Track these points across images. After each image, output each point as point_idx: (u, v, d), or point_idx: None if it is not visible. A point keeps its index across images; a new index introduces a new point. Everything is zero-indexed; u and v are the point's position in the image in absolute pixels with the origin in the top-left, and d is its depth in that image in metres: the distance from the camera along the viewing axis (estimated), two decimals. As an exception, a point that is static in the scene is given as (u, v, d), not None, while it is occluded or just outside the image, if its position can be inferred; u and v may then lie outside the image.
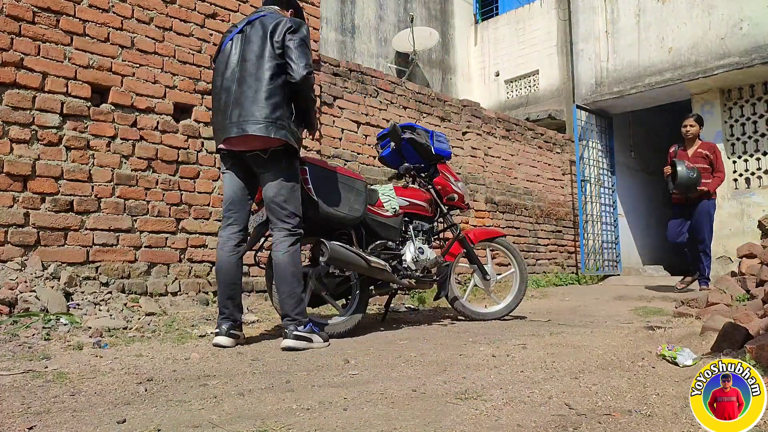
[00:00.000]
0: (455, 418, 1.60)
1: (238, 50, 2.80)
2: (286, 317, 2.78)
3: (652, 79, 8.08)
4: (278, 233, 2.83)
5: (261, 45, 2.75)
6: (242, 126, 2.69)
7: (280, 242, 2.81)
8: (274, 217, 2.83)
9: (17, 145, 3.27)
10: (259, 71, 2.73)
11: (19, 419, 1.56)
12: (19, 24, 3.32)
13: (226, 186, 2.89)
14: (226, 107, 2.76)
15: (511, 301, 4.09)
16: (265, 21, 2.81)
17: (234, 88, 2.75)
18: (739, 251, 4.15)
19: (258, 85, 2.72)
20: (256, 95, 2.71)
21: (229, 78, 2.79)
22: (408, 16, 9.88)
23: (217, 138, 2.87)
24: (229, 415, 1.62)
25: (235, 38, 2.84)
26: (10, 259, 3.17)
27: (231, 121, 2.72)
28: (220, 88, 2.81)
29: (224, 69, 2.82)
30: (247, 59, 2.76)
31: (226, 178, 2.89)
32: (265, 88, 2.71)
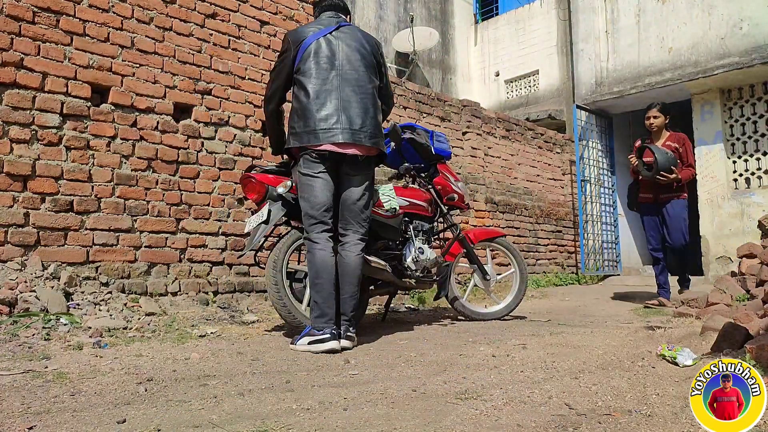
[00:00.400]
0: (455, 418, 1.60)
1: (336, 54, 2.83)
2: (343, 317, 2.79)
3: (652, 79, 8.08)
4: (353, 236, 2.89)
5: (365, 57, 2.90)
6: (355, 134, 2.78)
7: (354, 244, 2.87)
8: (353, 220, 2.89)
9: (17, 145, 3.27)
10: (366, 83, 2.87)
11: (19, 419, 1.56)
12: (19, 24, 3.32)
13: (321, 189, 2.81)
14: (335, 109, 2.77)
15: (511, 301, 4.10)
16: (358, 33, 2.96)
17: (344, 93, 2.79)
18: (739, 251, 4.15)
19: (366, 96, 2.86)
20: (365, 105, 2.84)
21: (331, 81, 2.80)
22: (408, 16, 9.88)
23: (312, 138, 2.77)
24: (229, 415, 1.62)
25: (326, 40, 2.84)
26: (10, 259, 3.17)
27: (343, 125, 2.76)
28: (320, 89, 2.78)
29: (321, 71, 2.80)
30: (354, 68, 2.84)
31: (320, 182, 2.81)
32: (373, 100, 2.89)
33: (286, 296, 2.99)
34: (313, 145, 2.78)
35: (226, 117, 4.28)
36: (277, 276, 2.99)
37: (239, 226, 4.24)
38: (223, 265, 4.18)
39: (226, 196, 4.24)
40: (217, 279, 4.11)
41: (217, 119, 4.23)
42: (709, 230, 7.90)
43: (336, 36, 2.87)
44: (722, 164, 7.92)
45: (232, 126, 4.31)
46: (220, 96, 4.25)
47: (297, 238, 3.17)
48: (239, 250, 4.22)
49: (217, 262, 4.14)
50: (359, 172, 2.89)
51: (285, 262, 3.07)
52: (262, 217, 3.04)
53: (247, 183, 3.22)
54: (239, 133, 4.35)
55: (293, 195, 3.14)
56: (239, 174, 4.16)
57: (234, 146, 4.31)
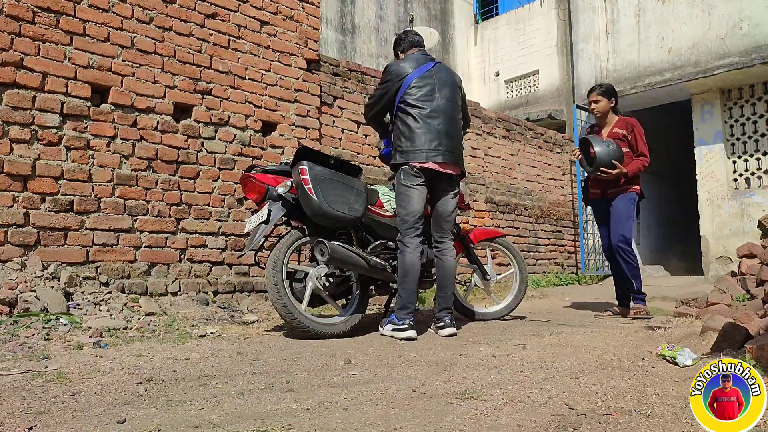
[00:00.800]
0: (455, 418, 1.60)
1: (440, 87, 3.30)
2: (446, 309, 3.28)
3: (652, 79, 8.08)
4: (448, 242, 3.37)
5: (456, 94, 3.39)
6: (453, 156, 3.29)
7: (450, 250, 3.36)
8: (446, 228, 3.37)
9: (17, 145, 3.27)
10: (457, 116, 3.39)
11: (19, 419, 1.56)
12: (19, 24, 3.32)
13: (418, 200, 3.23)
14: (437, 134, 3.22)
15: (511, 301, 4.10)
16: (449, 71, 3.48)
17: (443, 121, 3.26)
18: (739, 251, 4.15)
19: (458, 127, 3.39)
20: (459, 135, 3.38)
21: (437, 109, 3.25)
22: (408, 16, 9.88)
23: (417, 156, 3.20)
24: (229, 415, 1.62)
25: (432, 73, 3.31)
26: (10, 259, 3.17)
27: (444, 148, 3.23)
28: (428, 115, 3.23)
29: (431, 98, 3.26)
30: (450, 101, 3.32)
31: (416, 193, 3.23)
32: (461, 131, 3.43)
33: (286, 296, 2.99)
34: (418, 162, 3.20)
35: (226, 117, 4.28)
36: (277, 276, 2.99)
37: (239, 226, 4.24)
38: (223, 265, 4.18)
39: (226, 196, 4.24)
40: (217, 279, 4.11)
41: (217, 119, 4.23)
42: (709, 230, 7.91)
43: (435, 72, 3.33)
44: (722, 164, 7.92)
45: (232, 126, 4.31)
46: (220, 96, 4.25)
47: (297, 238, 3.17)
48: (239, 250, 4.22)
49: (217, 262, 4.14)
50: (452, 189, 3.36)
51: (285, 262, 3.07)
52: (262, 217, 3.04)
53: (247, 183, 3.22)
54: (239, 133, 4.35)
55: (293, 195, 3.15)
56: (239, 174, 4.16)
57: (234, 146, 4.31)
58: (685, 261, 9.77)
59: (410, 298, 3.17)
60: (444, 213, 3.35)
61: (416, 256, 3.18)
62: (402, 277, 3.18)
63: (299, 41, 4.82)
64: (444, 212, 3.35)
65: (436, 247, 3.37)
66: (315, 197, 3.05)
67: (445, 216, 3.35)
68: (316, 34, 4.97)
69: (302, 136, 4.77)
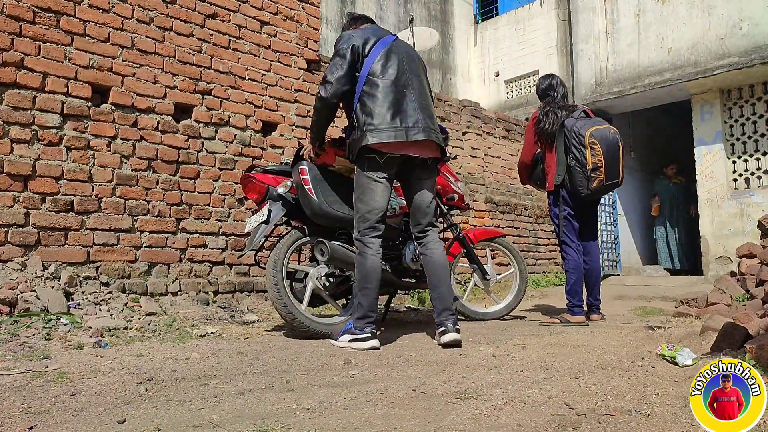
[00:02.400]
0: (455, 417, 1.60)
1: (402, 61, 2.87)
2: (446, 311, 2.84)
3: (651, 79, 8.08)
4: (432, 234, 2.99)
5: (422, 69, 3.01)
6: (429, 133, 2.82)
7: (435, 242, 2.97)
8: (427, 220, 2.97)
9: (18, 145, 3.28)
10: (427, 90, 2.99)
11: (19, 419, 1.57)
12: (19, 24, 3.32)
13: (382, 195, 2.84)
14: (409, 110, 2.79)
15: (511, 301, 4.10)
16: (409, 46, 3.06)
17: (414, 97, 2.83)
18: (739, 251, 4.15)
19: (430, 102, 2.97)
20: (432, 110, 2.94)
21: (402, 84, 2.83)
22: (408, 16, 9.88)
23: (392, 135, 2.74)
24: (229, 415, 1.62)
25: (390, 48, 2.88)
26: (11, 259, 3.17)
27: (418, 125, 2.79)
28: (391, 89, 2.79)
29: (391, 73, 2.81)
30: (417, 75, 2.92)
31: (381, 187, 2.83)
32: (433, 106, 2.99)
33: (287, 296, 2.99)
34: (392, 143, 2.80)
35: (226, 117, 4.28)
36: (278, 276, 2.99)
37: (239, 226, 4.24)
38: (224, 265, 4.18)
39: (226, 196, 4.24)
40: (218, 279, 4.12)
41: (218, 119, 4.23)
42: (709, 230, 7.91)
43: (399, 45, 2.95)
44: (722, 164, 7.92)
45: (232, 126, 4.32)
46: (220, 96, 4.25)
47: (297, 238, 3.18)
48: (239, 250, 4.22)
49: (218, 262, 4.14)
50: (429, 176, 3.02)
51: (285, 262, 3.07)
52: (263, 217, 3.05)
53: (247, 183, 3.22)
54: (239, 133, 4.36)
55: (293, 195, 3.15)
56: (239, 174, 4.16)
57: (234, 146, 4.32)
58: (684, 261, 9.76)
59: (371, 305, 2.80)
60: (422, 204, 2.96)
61: (378, 258, 2.83)
62: (361, 282, 2.79)
63: (299, 41, 4.82)
64: (422, 204, 2.96)
65: (419, 242, 3.00)
66: (315, 197, 3.05)
67: (423, 207, 2.97)
68: (316, 35, 4.97)
69: (302, 136, 4.77)
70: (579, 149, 3.66)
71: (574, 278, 3.77)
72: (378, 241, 2.85)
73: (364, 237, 2.84)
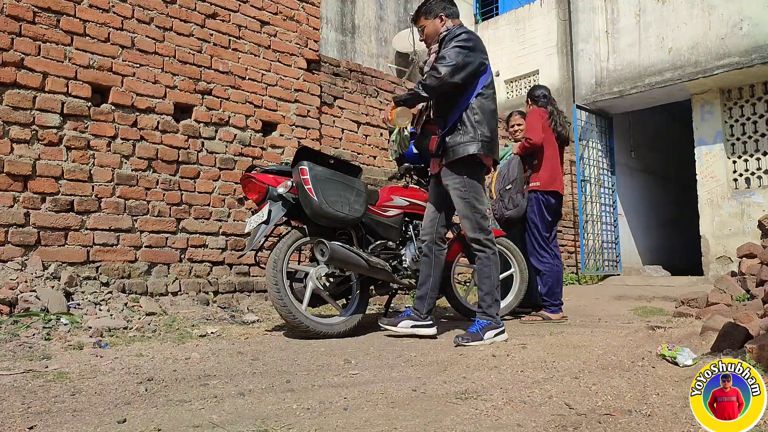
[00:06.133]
0: (455, 418, 1.60)
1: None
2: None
3: (652, 79, 8.08)
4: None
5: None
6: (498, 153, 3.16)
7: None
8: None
9: (18, 145, 3.28)
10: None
11: (19, 419, 1.56)
12: (19, 24, 3.32)
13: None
14: (497, 131, 3.08)
15: (511, 300, 4.10)
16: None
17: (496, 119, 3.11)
18: (739, 251, 4.15)
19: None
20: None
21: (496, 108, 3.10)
22: (408, 16, 9.87)
23: (495, 151, 3.03)
24: (229, 415, 1.62)
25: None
26: (11, 259, 3.17)
27: (497, 148, 3.09)
28: (496, 111, 3.07)
29: (495, 98, 3.10)
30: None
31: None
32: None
33: (287, 296, 2.99)
34: (491, 158, 3.06)
35: (226, 117, 4.28)
36: (278, 276, 2.99)
37: (239, 226, 4.24)
38: (224, 265, 4.18)
39: (226, 196, 4.24)
40: (218, 279, 4.11)
41: (218, 119, 4.23)
42: (709, 230, 7.91)
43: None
44: (722, 164, 7.92)
45: (232, 126, 4.32)
46: (220, 96, 4.25)
47: (297, 238, 3.17)
48: (239, 250, 4.22)
49: (218, 262, 4.14)
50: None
51: (285, 262, 3.07)
52: (263, 217, 3.04)
53: (247, 183, 3.22)
54: (239, 133, 4.36)
55: (293, 195, 3.15)
56: (239, 174, 4.16)
57: (234, 146, 4.32)
58: (685, 261, 9.77)
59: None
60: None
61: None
62: (493, 286, 3.00)
63: (299, 41, 4.82)
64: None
65: (441, 245, 3.18)
66: (315, 197, 3.05)
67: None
68: (316, 34, 4.97)
69: (302, 136, 4.77)
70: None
71: (552, 281, 3.98)
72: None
73: (491, 235, 3.04)
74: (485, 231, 3.00)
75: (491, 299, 2.98)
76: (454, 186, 2.99)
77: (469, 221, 2.99)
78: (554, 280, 3.99)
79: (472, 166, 2.98)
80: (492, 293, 2.99)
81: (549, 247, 4.06)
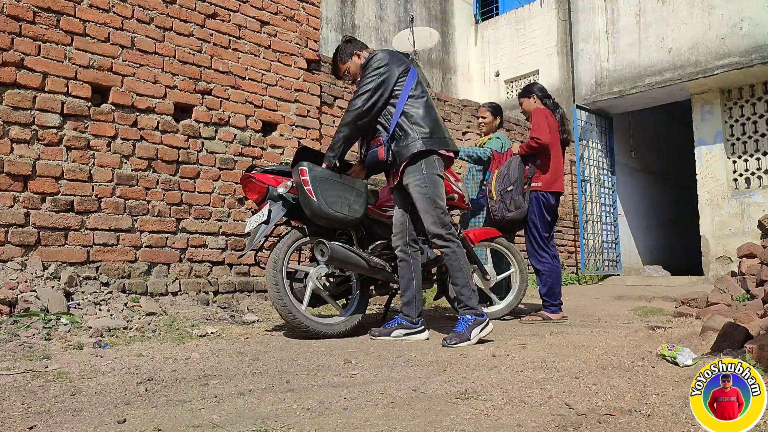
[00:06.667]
0: (455, 418, 1.60)
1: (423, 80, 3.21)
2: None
3: (652, 79, 8.08)
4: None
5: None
6: (454, 143, 3.16)
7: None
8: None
9: (18, 145, 3.28)
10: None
11: (19, 419, 1.56)
12: (19, 24, 3.32)
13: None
14: (442, 123, 3.12)
15: (511, 300, 4.10)
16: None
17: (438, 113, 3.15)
18: (739, 251, 4.15)
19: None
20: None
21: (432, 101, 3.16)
22: (408, 16, 9.88)
23: (442, 143, 3.01)
24: (229, 415, 1.62)
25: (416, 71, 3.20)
26: (11, 259, 3.17)
27: (450, 137, 3.10)
28: (432, 106, 3.10)
29: (426, 92, 3.14)
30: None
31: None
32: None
33: (287, 296, 2.99)
34: (444, 150, 3.05)
35: (226, 117, 4.28)
36: (278, 276, 2.99)
37: (239, 226, 4.24)
38: (224, 265, 4.18)
39: (226, 196, 4.24)
40: (218, 279, 4.11)
41: (218, 119, 4.23)
42: (709, 230, 7.91)
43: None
44: (722, 164, 7.92)
45: (232, 126, 4.32)
46: (220, 96, 4.25)
47: (297, 238, 3.17)
48: (240, 250, 4.22)
49: (218, 262, 4.14)
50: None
51: (285, 262, 3.07)
52: (263, 217, 3.05)
53: (247, 183, 3.22)
54: (239, 133, 4.36)
55: (293, 195, 3.15)
56: (239, 174, 4.16)
57: (234, 146, 4.32)
58: (685, 261, 9.77)
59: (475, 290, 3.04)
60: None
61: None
62: (467, 277, 2.98)
63: (299, 41, 4.82)
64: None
65: (415, 246, 3.14)
66: (315, 198, 3.05)
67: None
68: (316, 34, 4.97)
69: (302, 136, 4.77)
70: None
71: (551, 281, 3.98)
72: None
73: (453, 229, 3.01)
74: (447, 226, 2.97)
75: (469, 291, 2.96)
76: (415, 182, 2.97)
77: (429, 216, 2.95)
78: (554, 280, 4.00)
79: (430, 161, 2.97)
80: (468, 285, 2.96)
81: (548, 247, 4.05)
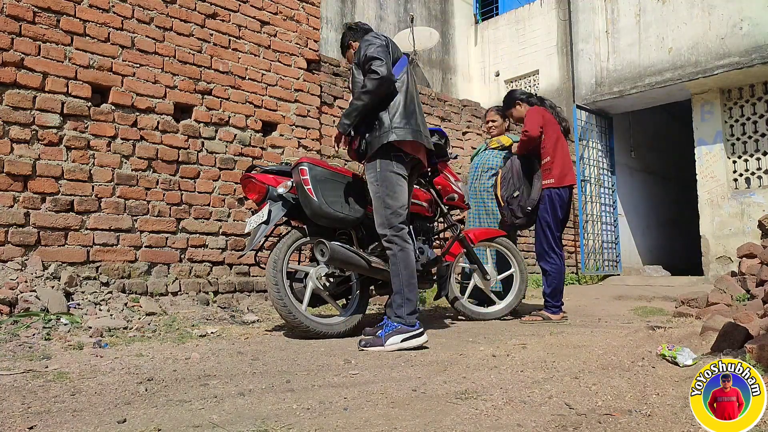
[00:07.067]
0: (455, 418, 1.60)
1: (412, 78, 3.10)
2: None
3: (652, 79, 8.08)
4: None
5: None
6: (429, 140, 3.09)
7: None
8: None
9: (18, 144, 3.28)
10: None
11: (19, 419, 1.56)
12: (19, 24, 3.32)
13: (406, 190, 2.98)
14: (419, 118, 2.99)
15: (511, 300, 4.10)
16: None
17: (419, 107, 3.04)
18: (739, 251, 4.15)
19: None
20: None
21: (413, 95, 3.03)
22: (408, 16, 9.88)
23: (404, 135, 2.88)
24: (229, 415, 1.62)
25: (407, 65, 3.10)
26: (11, 259, 3.17)
27: (424, 133, 3.00)
28: (411, 100, 2.99)
29: (409, 85, 3.02)
30: (417, 92, 3.14)
31: (405, 183, 2.98)
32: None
33: (287, 296, 2.99)
34: (416, 141, 2.97)
35: (226, 117, 4.28)
36: (278, 276, 2.99)
37: (239, 226, 4.24)
38: (224, 265, 4.18)
39: (226, 196, 4.24)
40: (218, 279, 4.11)
41: (218, 119, 4.23)
42: (709, 230, 7.91)
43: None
44: (722, 164, 7.92)
45: (232, 126, 4.32)
46: (220, 96, 4.25)
47: (297, 238, 3.18)
48: (240, 250, 4.22)
49: (218, 262, 4.14)
50: (416, 176, 3.25)
51: (285, 262, 3.07)
52: (263, 217, 3.05)
53: (247, 183, 3.22)
54: (239, 133, 4.36)
55: (293, 195, 3.15)
56: (240, 174, 4.16)
57: (234, 146, 4.32)
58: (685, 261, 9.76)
59: (417, 299, 2.91)
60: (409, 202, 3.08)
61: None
62: (409, 277, 2.87)
63: (299, 41, 4.82)
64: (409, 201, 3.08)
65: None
66: (315, 198, 3.05)
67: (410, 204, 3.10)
68: (316, 34, 4.97)
69: (302, 136, 4.77)
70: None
71: (556, 282, 3.94)
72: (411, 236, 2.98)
73: (401, 232, 2.91)
74: (394, 227, 2.89)
75: (401, 298, 2.83)
76: (370, 180, 2.95)
77: (378, 216, 2.93)
78: (559, 280, 3.95)
79: (387, 159, 2.89)
80: (401, 292, 2.84)
81: (559, 247, 3.97)
